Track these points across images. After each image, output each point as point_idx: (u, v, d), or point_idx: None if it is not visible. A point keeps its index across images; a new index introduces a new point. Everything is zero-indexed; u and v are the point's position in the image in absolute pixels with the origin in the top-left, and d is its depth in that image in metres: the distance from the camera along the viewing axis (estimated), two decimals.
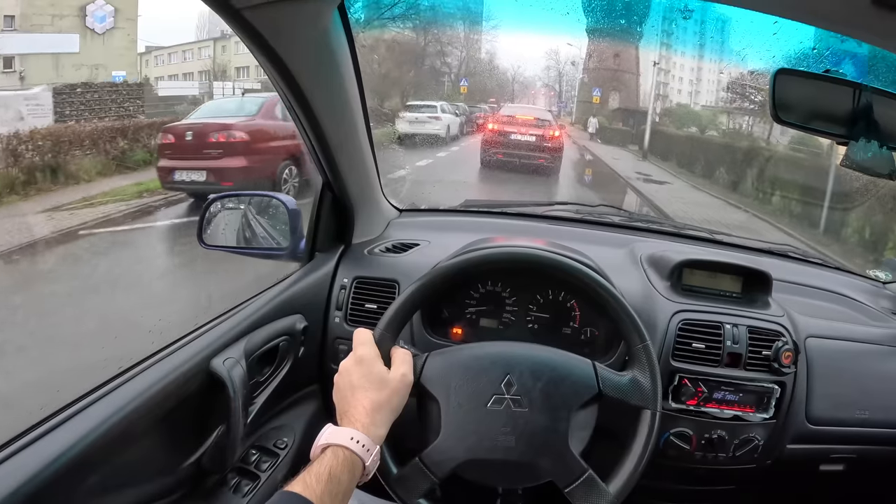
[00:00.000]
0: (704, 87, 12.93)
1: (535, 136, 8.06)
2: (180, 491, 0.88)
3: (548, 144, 8.08)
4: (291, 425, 1.08)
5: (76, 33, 9.01)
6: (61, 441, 0.68)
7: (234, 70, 12.35)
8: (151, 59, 12.18)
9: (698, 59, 12.38)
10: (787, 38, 1.21)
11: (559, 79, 15.00)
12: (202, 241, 1.18)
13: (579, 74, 14.33)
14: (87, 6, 9.21)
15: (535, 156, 7.97)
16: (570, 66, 14.34)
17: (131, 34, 9.99)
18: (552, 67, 14.85)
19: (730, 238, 1.45)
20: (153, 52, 12.11)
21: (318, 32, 0.84)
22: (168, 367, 0.83)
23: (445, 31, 13.18)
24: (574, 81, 14.76)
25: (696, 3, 8.84)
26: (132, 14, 9.88)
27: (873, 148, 0.81)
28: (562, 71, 14.78)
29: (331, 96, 0.95)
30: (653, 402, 0.80)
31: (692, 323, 1.05)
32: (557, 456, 0.78)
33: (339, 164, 1.06)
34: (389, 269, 1.14)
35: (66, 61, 8.93)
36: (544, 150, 8.05)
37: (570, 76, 14.74)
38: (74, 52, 9.00)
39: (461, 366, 0.81)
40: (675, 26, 12.29)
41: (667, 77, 12.93)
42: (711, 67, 12.44)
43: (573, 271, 0.86)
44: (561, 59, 14.60)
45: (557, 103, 14.84)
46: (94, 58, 9.18)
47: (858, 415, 1.10)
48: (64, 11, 9.03)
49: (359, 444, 0.70)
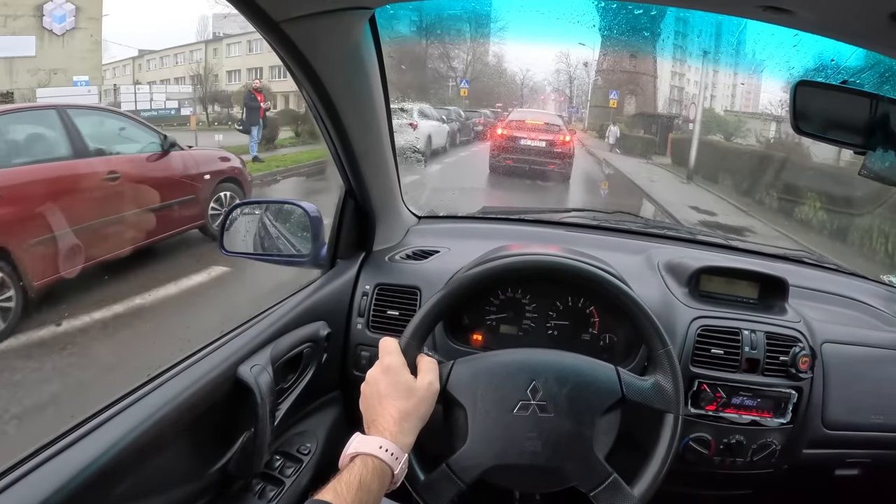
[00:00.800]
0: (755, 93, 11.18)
1: (544, 141, 7.91)
2: (206, 497, 0.89)
3: (558, 150, 7.93)
4: (314, 431, 1.09)
5: (32, 35, 8.20)
6: (92, 449, 0.68)
7: (226, 73, 11.97)
8: (145, 63, 11.89)
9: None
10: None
11: (570, 83, 14.10)
12: (223, 248, 1.19)
13: (592, 77, 13.31)
14: (45, 5, 8.40)
15: (544, 161, 7.81)
16: (583, 68, 13.31)
17: (95, 35, 9.03)
18: (562, 71, 13.95)
19: (745, 244, 1.46)
20: (146, 56, 11.74)
21: (351, 43, 0.85)
22: (196, 374, 0.84)
23: (451, 33, 12.65)
24: (586, 85, 13.82)
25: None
26: (96, 13, 8.95)
27: (890, 157, 0.82)
28: (573, 74, 13.84)
29: (358, 106, 0.96)
30: (675, 405, 0.82)
31: (711, 329, 1.06)
32: (583, 460, 0.79)
33: (363, 172, 1.07)
34: (411, 276, 1.16)
35: (21, 66, 8.08)
36: (554, 155, 7.89)
37: (582, 80, 13.78)
38: (30, 55, 8.15)
39: (487, 373, 0.82)
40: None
41: (715, 78, 11.33)
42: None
43: (596, 278, 0.87)
44: (572, 62, 13.66)
45: (568, 108, 14.08)
46: (52, 61, 8.35)
47: (874, 419, 1.11)
48: (18, 11, 8.22)
49: (388, 453, 0.71)
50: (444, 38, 12.61)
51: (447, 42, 12.75)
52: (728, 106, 11.51)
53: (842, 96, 0.83)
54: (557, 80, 14.19)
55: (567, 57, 13.60)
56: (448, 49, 13.00)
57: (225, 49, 12.18)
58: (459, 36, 12.97)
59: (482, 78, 13.82)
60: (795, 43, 1.48)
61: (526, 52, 15.77)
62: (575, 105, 14.22)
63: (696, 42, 11.48)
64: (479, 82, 13.72)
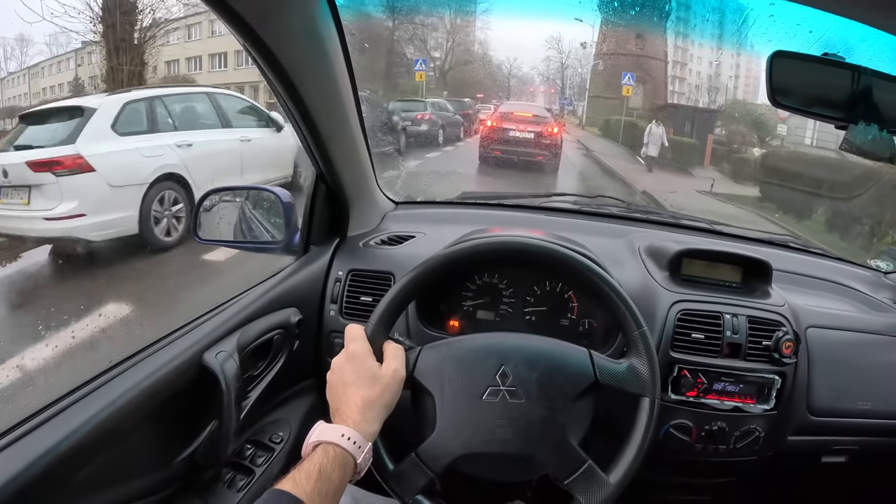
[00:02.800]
0: None
1: (532, 133, 7.74)
2: (175, 485, 0.87)
3: (545, 141, 7.76)
4: (287, 419, 1.07)
5: None
6: (51, 436, 0.67)
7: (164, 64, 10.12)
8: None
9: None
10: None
11: (562, 71, 12.15)
12: (197, 236, 1.18)
13: (590, 61, 10.95)
14: None
15: (532, 152, 7.64)
16: (579, 51, 11.25)
17: None
18: (553, 58, 12.06)
19: (729, 229, 1.44)
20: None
21: (306, 19, 0.82)
22: (160, 361, 0.83)
23: (423, 13, 11.10)
24: (579, 75, 11.71)
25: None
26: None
27: (873, 131, 0.80)
28: (565, 62, 11.94)
29: (321, 86, 0.93)
30: (651, 389, 0.79)
31: (691, 313, 1.04)
32: (556, 447, 0.77)
33: (331, 155, 1.05)
34: (384, 262, 1.13)
35: None
36: (543, 146, 7.72)
37: (576, 68, 11.72)
38: None
39: (455, 358, 0.80)
40: None
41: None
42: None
43: (566, 259, 0.84)
44: (564, 47, 11.68)
45: (560, 100, 12.32)
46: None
47: (860, 406, 1.09)
48: None
49: (350, 441, 0.69)
50: (414, 14, 10.99)
51: (416, 18, 11.07)
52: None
53: (822, 68, 0.80)
54: (547, 69, 12.48)
55: (559, 42, 11.84)
56: (418, 27, 11.33)
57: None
58: (432, 10, 11.40)
59: (461, 65, 12.02)
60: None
61: (512, 33, 14.07)
62: (568, 97, 12.51)
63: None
64: (459, 70, 11.94)
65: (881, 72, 0.79)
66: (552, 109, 10.05)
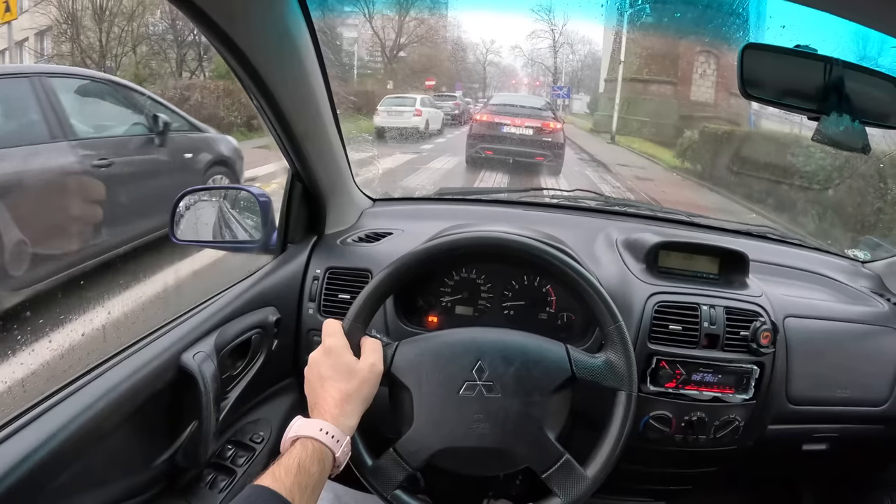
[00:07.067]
0: None
1: (531, 128, 7.17)
2: (156, 487, 0.87)
3: (545, 139, 7.28)
4: (268, 419, 1.07)
5: None
6: (28, 441, 0.66)
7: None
8: None
9: None
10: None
11: (554, 51, 9.49)
12: (174, 236, 1.16)
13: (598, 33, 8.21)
14: None
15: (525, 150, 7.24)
16: (579, 21, 8.57)
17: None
18: (542, 32, 9.38)
19: (707, 220, 1.45)
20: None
21: (276, 18, 0.81)
22: (137, 363, 0.82)
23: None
24: (574, 59, 9.00)
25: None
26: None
27: (845, 122, 0.81)
28: (557, 40, 9.26)
29: (293, 83, 0.92)
30: (628, 384, 0.79)
31: (668, 305, 1.04)
32: (533, 441, 0.77)
33: (306, 153, 1.04)
34: (362, 259, 1.13)
35: None
36: (540, 145, 7.28)
37: (575, 46, 8.72)
38: None
39: (432, 353, 0.80)
40: None
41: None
42: None
43: (540, 253, 0.84)
44: (557, 21, 9.01)
45: (552, 91, 9.90)
46: None
47: (839, 394, 1.10)
48: None
49: (328, 436, 0.69)
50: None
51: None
52: None
53: (794, 60, 0.81)
54: (532, 50, 9.98)
55: (549, 10, 9.54)
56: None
57: None
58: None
59: (414, 44, 9.21)
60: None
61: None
62: (564, 86, 9.90)
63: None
64: (412, 49, 9.20)
65: (853, 63, 0.80)
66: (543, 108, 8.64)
